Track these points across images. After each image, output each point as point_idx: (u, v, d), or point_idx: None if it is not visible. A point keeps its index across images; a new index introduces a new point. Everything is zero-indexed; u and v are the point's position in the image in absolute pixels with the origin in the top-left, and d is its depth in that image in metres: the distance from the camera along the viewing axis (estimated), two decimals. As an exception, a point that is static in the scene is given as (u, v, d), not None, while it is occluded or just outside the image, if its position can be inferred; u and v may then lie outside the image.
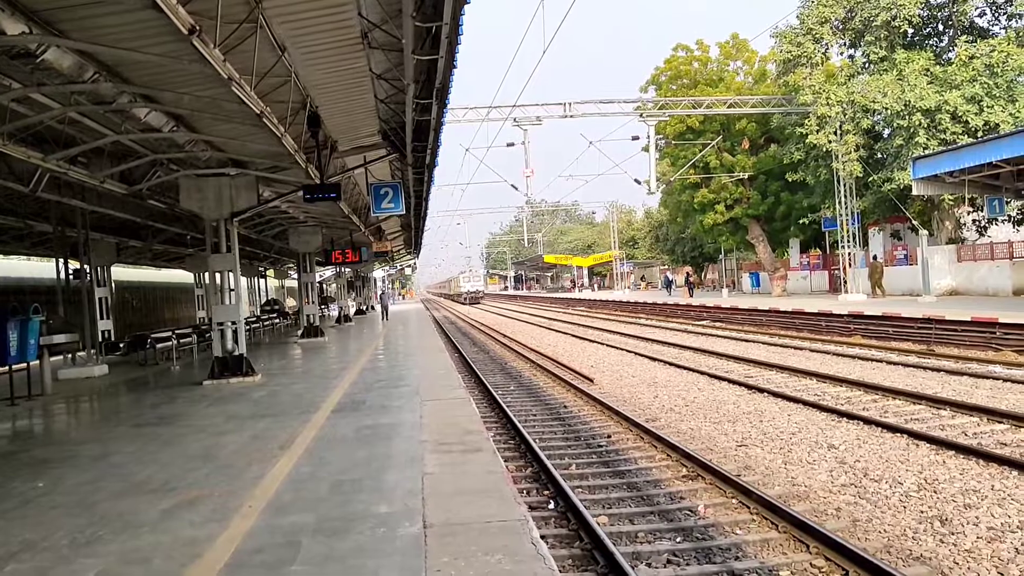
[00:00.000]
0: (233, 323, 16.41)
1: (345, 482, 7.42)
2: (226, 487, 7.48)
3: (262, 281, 57.72)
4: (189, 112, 13.23)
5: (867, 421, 11.84)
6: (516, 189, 46.60)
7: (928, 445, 10.26)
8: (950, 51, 35.26)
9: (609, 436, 12.46)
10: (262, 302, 54.15)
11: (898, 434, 10.96)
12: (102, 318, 23.49)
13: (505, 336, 34.25)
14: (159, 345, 22.55)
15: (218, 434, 10.42)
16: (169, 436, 10.53)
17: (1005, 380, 14.89)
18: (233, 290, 16.56)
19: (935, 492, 8.37)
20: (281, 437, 9.86)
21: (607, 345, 27.27)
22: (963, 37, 33.94)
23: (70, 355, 21.67)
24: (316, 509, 6.57)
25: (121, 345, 25.47)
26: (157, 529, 6.24)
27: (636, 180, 40.24)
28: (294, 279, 49.47)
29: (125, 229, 24.86)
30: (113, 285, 27.42)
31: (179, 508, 6.82)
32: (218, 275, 16.53)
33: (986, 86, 30.89)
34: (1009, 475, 8.74)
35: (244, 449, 9.36)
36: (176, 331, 24.10)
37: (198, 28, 8.19)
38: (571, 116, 35.54)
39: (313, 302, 31.18)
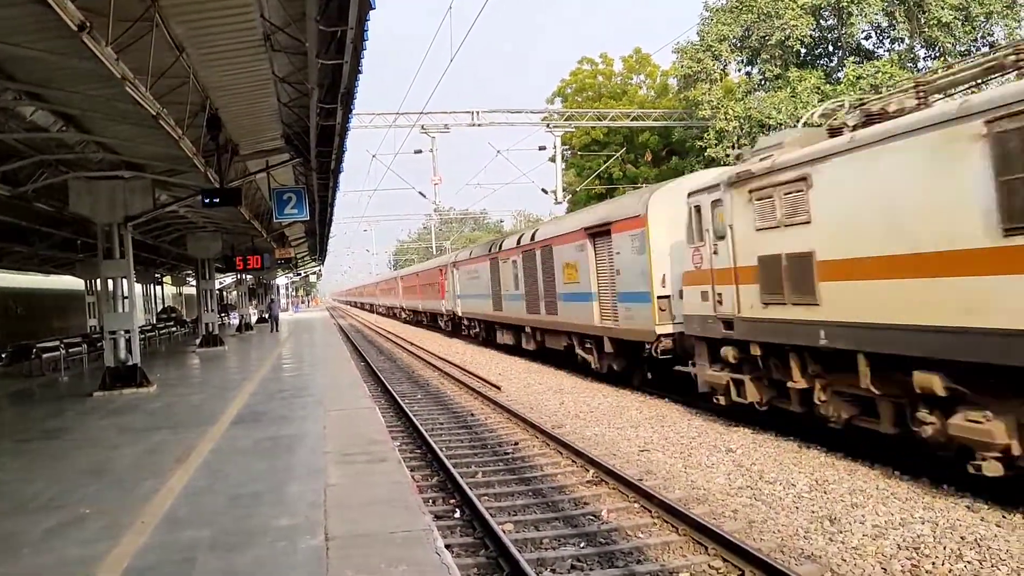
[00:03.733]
0: (126, 332, 15.79)
1: (244, 495, 7.23)
2: (118, 503, 7.18)
3: (159, 288, 55.61)
4: (80, 112, 12.67)
5: (763, 425, 12.25)
6: (424, 196, 46.26)
7: (819, 447, 10.69)
8: (839, 71, 37.00)
9: (516, 443, 12.52)
10: (158, 310, 52.17)
11: (792, 438, 11.38)
12: (-18, 327, 22.19)
13: (412, 344, 34.02)
14: (45, 355, 21.42)
15: (110, 448, 10.00)
16: (56, 451, 10.03)
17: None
18: (127, 297, 15.94)
19: (825, 493, 8.73)
20: (177, 450, 9.53)
21: (515, 353, 27.39)
22: (851, 58, 35.70)
23: (-54, 366, 20.38)
24: (213, 523, 6.38)
25: (3, 355, 24.09)
26: (41, 549, 5.93)
27: (543, 189, 40.64)
28: (193, 286, 47.83)
29: (9, 233, 23.50)
30: (-5, 292, 25.93)
31: (66, 526, 6.51)
32: (110, 282, 15.89)
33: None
34: (892, 474, 9.19)
35: (137, 463, 9.01)
36: (64, 340, 22.96)
37: (88, 24, 7.84)
38: (479, 125, 35.65)
39: (212, 310, 30.27)
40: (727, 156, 35.87)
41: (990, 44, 33.92)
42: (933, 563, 6.60)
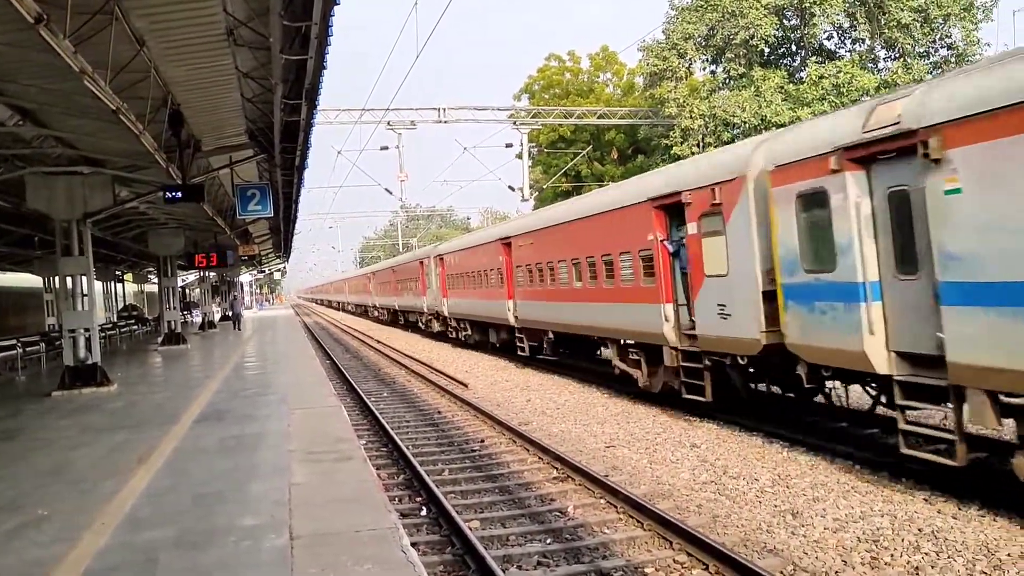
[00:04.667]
0: (86, 330, 15.53)
1: (208, 494, 7.15)
2: (77, 504, 7.07)
3: (119, 285, 54.74)
4: (37, 105, 12.41)
5: (727, 420, 12.38)
6: (390, 193, 46.12)
7: (781, 442, 10.83)
8: (802, 71, 37.50)
9: (483, 441, 12.52)
10: (119, 308, 51.36)
11: (755, 433, 11.51)
12: (-64, 325, 21.69)
13: (379, 342, 33.88)
14: (1, 354, 20.98)
15: (69, 448, 9.83)
16: (14, 451, 9.83)
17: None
18: (86, 295, 15.68)
19: (787, 487, 8.85)
20: (139, 449, 9.39)
21: (482, 350, 27.37)
22: (813, 58, 36.20)
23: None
24: (176, 523, 6.30)
25: (-42, 355, 23.52)
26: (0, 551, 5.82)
27: (510, 187, 40.66)
28: (155, 283, 47.14)
29: (-37, 230, 22.98)
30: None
31: (25, 528, 6.39)
32: (69, 279, 15.63)
33: (834, 104, 33.00)
34: (852, 468, 9.35)
35: (98, 463, 8.87)
36: (21, 339, 22.50)
37: (45, 17, 7.68)
38: (445, 121, 35.59)
39: (174, 308, 29.88)
40: (692, 154, 36.20)
41: (948, 45, 34.62)
42: (892, 555, 6.73)
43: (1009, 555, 6.52)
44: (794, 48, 39.35)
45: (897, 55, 35.36)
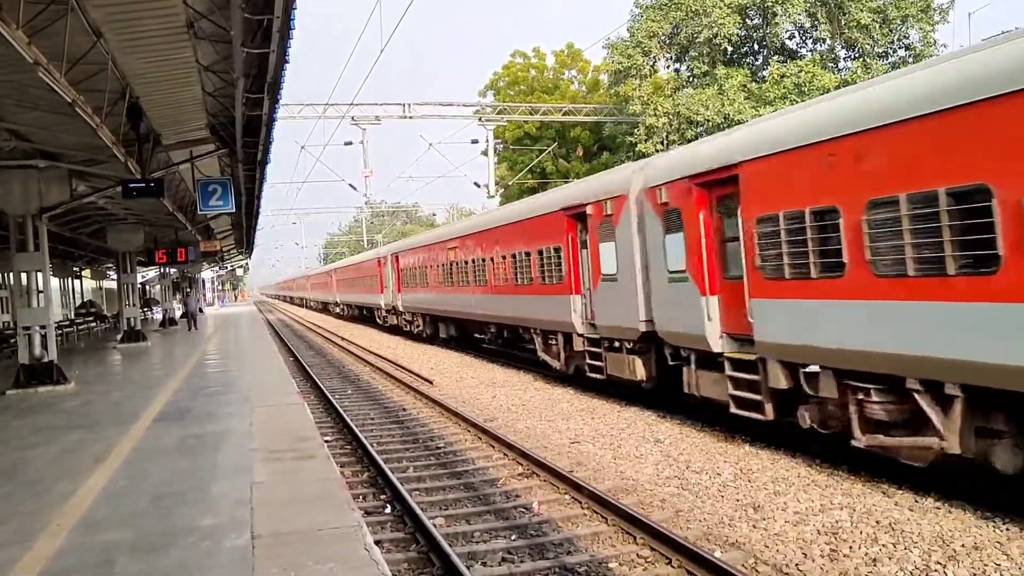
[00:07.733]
0: (42, 327, 15.24)
1: (167, 495, 7.05)
2: (31, 505, 6.93)
3: (77, 282, 53.76)
4: (-11, 98, 12.13)
5: (689, 416, 12.48)
6: (355, 189, 45.67)
7: (743, 437, 10.95)
8: (764, 70, 37.88)
9: (448, 437, 12.49)
10: (77, 304, 50.44)
11: (717, 428, 11.62)
12: None
13: (343, 339, 33.65)
14: (-46, 352, 20.51)
15: (23, 448, 9.63)
16: (-36, 452, 9.60)
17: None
18: (42, 292, 15.37)
19: (749, 481, 8.94)
20: (96, 449, 9.23)
21: (447, 347, 27.32)
22: (775, 57, 36.58)
23: None
24: (134, 525, 6.20)
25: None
26: (-52, 555, 5.67)
27: (476, 183, 40.65)
28: (114, 280, 46.31)
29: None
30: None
31: (-25, 531, 6.24)
32: (24, 276, 15.31)
33: (795, 104, 33.43)
34: (813, 463, 9.47)
35: (53, 463, 8.70)
36: (-26, 337, 22.01)
37: (-2, 6, 7.51)
38: (410, 117, 35.38)
39: (134, 304, 29.41)
40: (656, 152, 36.40)
41: (906, 46, 35.23)
42: (850, 547, 6.83)
43: (963, 546, 6.65)
44: (756, 47, 39.75)
45: (857, 55, 35.87)
